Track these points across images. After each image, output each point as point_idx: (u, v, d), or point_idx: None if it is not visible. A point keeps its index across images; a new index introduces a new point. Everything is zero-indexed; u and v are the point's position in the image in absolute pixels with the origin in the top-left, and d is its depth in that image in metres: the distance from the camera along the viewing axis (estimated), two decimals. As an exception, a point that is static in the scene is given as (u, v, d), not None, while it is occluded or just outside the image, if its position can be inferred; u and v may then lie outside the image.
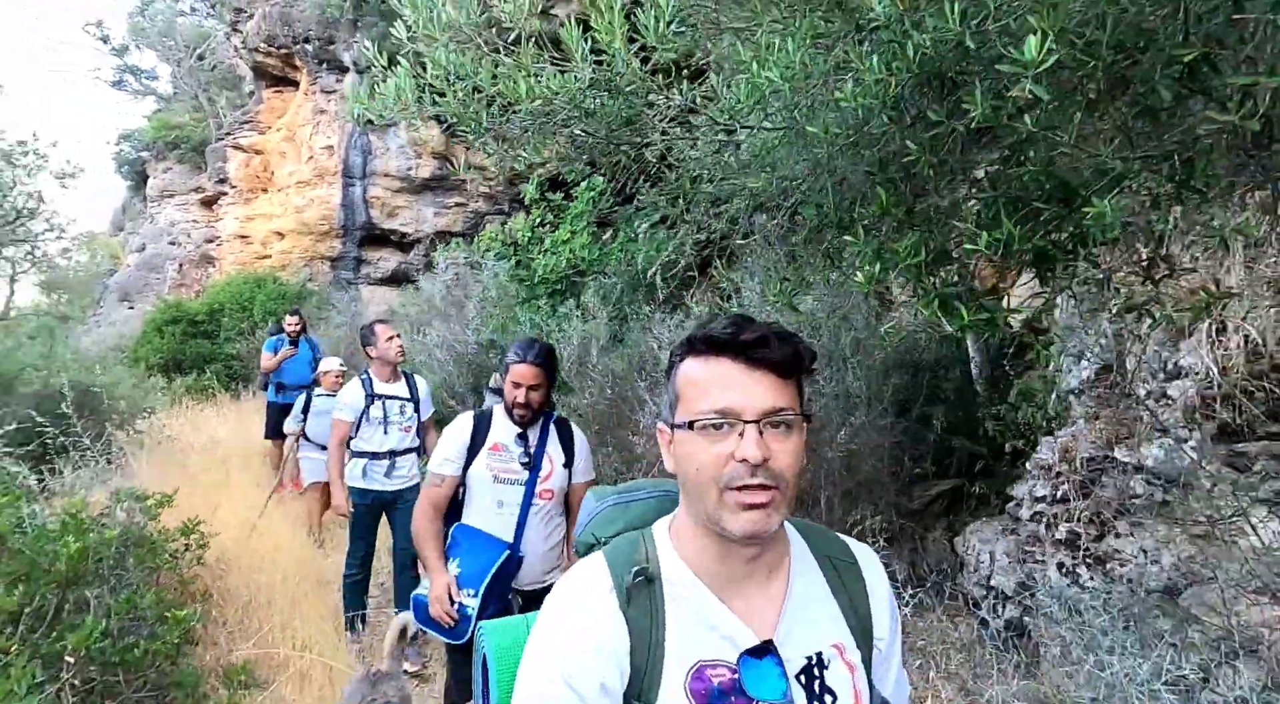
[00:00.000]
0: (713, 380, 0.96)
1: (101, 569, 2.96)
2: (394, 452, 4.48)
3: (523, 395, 2.73)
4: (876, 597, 1.11)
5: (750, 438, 0.92)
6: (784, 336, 0.97)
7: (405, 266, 15.77)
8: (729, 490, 0.93)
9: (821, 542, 1.14)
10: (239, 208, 16.08)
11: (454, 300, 8.65)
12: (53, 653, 2.38)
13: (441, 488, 2.80)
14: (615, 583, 1.01)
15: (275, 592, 4.67)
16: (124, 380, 7.81)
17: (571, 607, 1.01)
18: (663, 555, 1.05)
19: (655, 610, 0.99)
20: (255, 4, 15.42)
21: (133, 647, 2.70)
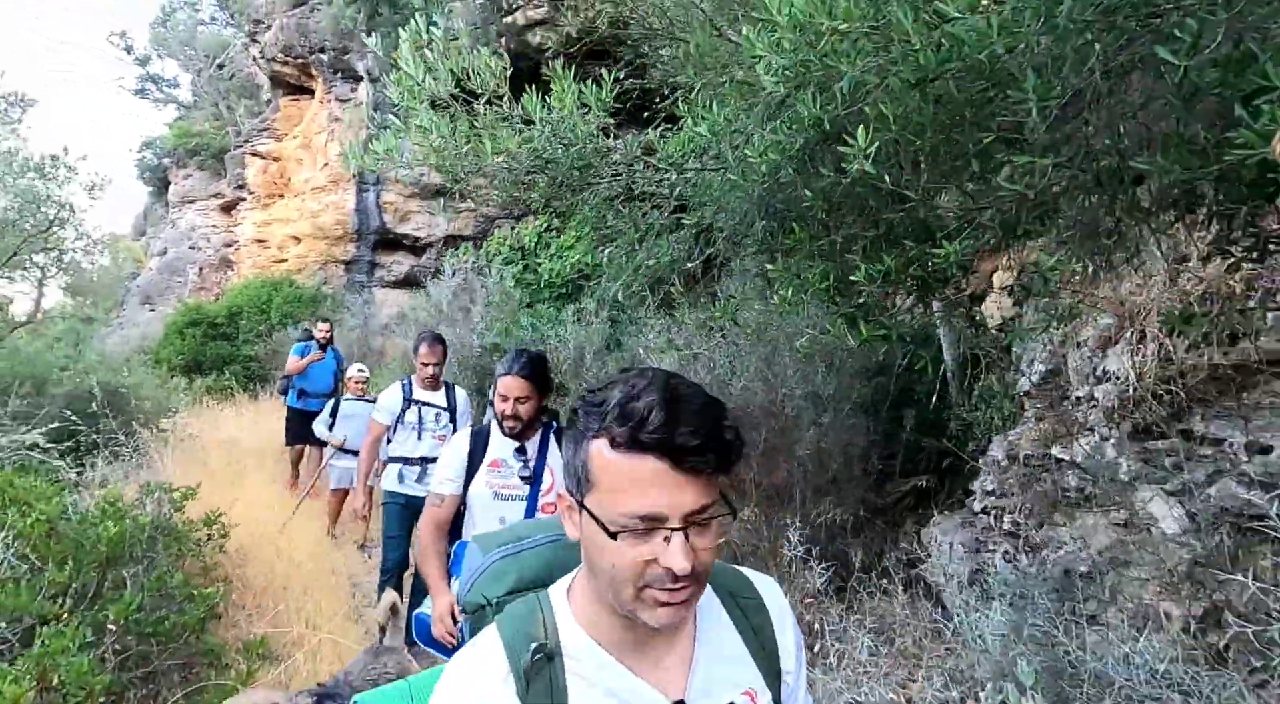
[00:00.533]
0: (635, 479, 0.88)
1: (136, 552, 3.33)
2: (426, 458, 4.48)
3: (510, 407, 2.66)
4: (781, 628, 1.10)
5: (676, 547, 0.86)
6: (717, 436, 0.88)
7: (418, 270, 16.18)
8: (649, 588, 0.89)
9: (724, 579, 1.10)
10: (257, 213, 16.56)
11: (460, 305, 9.01)
12: (96, 622, 2.75)
13: (442, 508, 2.76)
14: (512, 667, 0.95)
15: (290, 579, 5.05)
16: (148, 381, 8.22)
17: (466, 697, 0.95)
18: (562, 625, 1.00)
19: (555, 691, 0.94)
20: (273, 15, 15.89)
21: (164, 620, 3.07)
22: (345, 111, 15.57)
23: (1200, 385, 2.96)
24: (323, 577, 5.28)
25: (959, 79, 1.36)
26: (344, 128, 15.77)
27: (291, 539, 5.82)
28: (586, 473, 0.92)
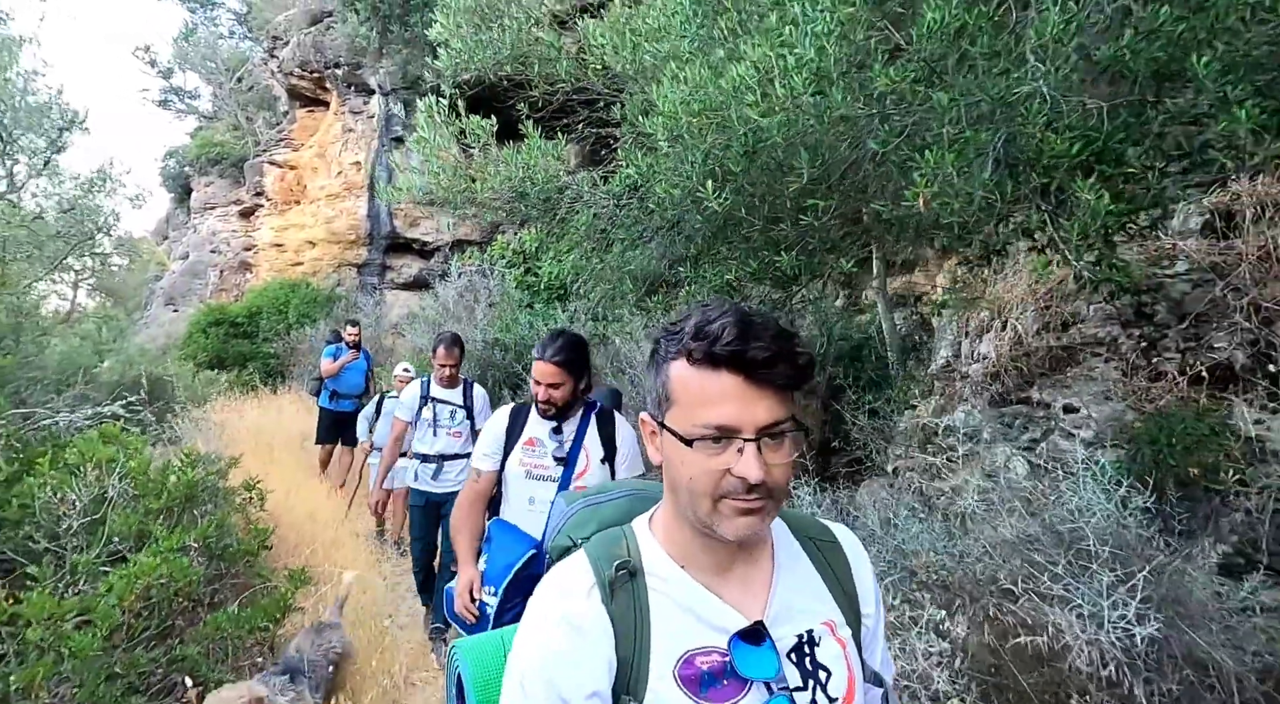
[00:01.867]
0: (710, 393, 0.93)
1: (203, 496, 4.18)
2: (442, 455, 4.59)
3: (543, 393, 2.64)
4: (860, 575, 1.12)
5: (749, 456, 0.91)
6: (790, 353, 0.93)
7: (426, 272, 17.02)
8: (725, 499, 0.93)
9: (801, 524, 1.15)
10: (274, 219, 17.45)
11: (465, 304, 9.84)
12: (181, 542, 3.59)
13: (479, 483, 2.77)
14: (597, 579, 1.00)
15: (316, 538, 5.88)
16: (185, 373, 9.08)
17: (554, 608, 1.00)
18: (644, 549, 1.04)
19: (639, 604, 0.98)
20: (290, 33, 16.80)
21: (229, 546, 3.91)
22: (358, 123, 16.46)
23: (1039, 363, 3.78)
24: (346, 537, 6.11)
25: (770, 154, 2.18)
26: (356, 138, 16.68)
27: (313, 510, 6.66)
28: (666, 392, 0.98)
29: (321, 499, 7.07)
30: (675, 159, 2.43)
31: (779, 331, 0.93)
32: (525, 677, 0.97)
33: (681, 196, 2.62)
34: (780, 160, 2.13)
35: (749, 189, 2.28)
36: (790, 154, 2.09)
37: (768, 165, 2.16)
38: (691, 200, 2.55)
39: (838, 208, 2.27)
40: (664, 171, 2.55)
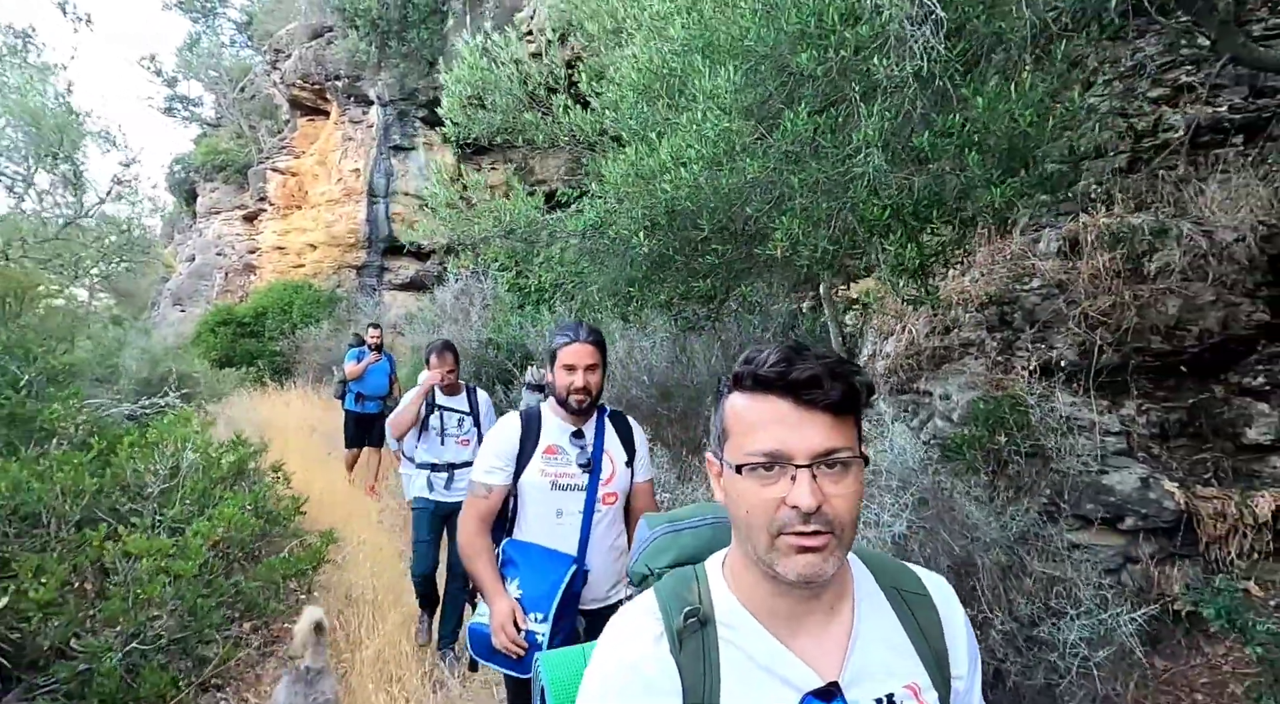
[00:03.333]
0: (761, 419, 0.91)
1: (248, 471, 5.07)
2: (452, 464, 4.49)
3: (579, 378, 2.38)
4: (952, 631, 1.04)
5: (803, 483, 0.87)
6: (838, 373, 0.90)
7: (423, 274, 17.89)
8: (782, 535, 0.89)
9: (888, 573, 1.08)
10: (277, 223, 18.29)
11: (461, 307, 10.72)
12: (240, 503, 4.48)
13: (489, 499, 2.46)
14: (666, 627, 0.97)
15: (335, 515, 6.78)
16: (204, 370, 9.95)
17: (622, 655, 0.97)
18: (716, 594, 1.00)
19: (708, 655, 0.95)
20: (292, 46, 17.63)
21: (270, 510, 4.81)
22: (358, 132, 17.30)
23: (927, 360, 4.70)
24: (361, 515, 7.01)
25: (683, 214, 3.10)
26: (356, 146, 17.51)
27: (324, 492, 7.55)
28: (724, 428, 0.97)
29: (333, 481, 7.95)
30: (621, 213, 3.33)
31: (828, 355, 0.91)
32: None
33: (628, 236, 3.53)
34: (690, 219, 3.03)
35: (671, 236, 3.18)
36: (696, 214, 2.99)
37: (683, 222, 3.06)
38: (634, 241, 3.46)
39: (732, 251, 3.18)
40: (616, 217, 3.45)
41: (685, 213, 3.03)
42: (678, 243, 3.26)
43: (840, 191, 2.90)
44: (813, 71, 2.84)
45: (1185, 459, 4.01)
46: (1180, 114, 5.19)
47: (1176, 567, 3.70)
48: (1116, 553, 3.77)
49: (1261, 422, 3.89)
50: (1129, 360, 4.15)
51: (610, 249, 3.60)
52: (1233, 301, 4.16)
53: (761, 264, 3.27)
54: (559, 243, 4.03)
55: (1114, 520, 3.73)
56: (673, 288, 3.57)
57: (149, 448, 4.31)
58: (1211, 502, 3.69)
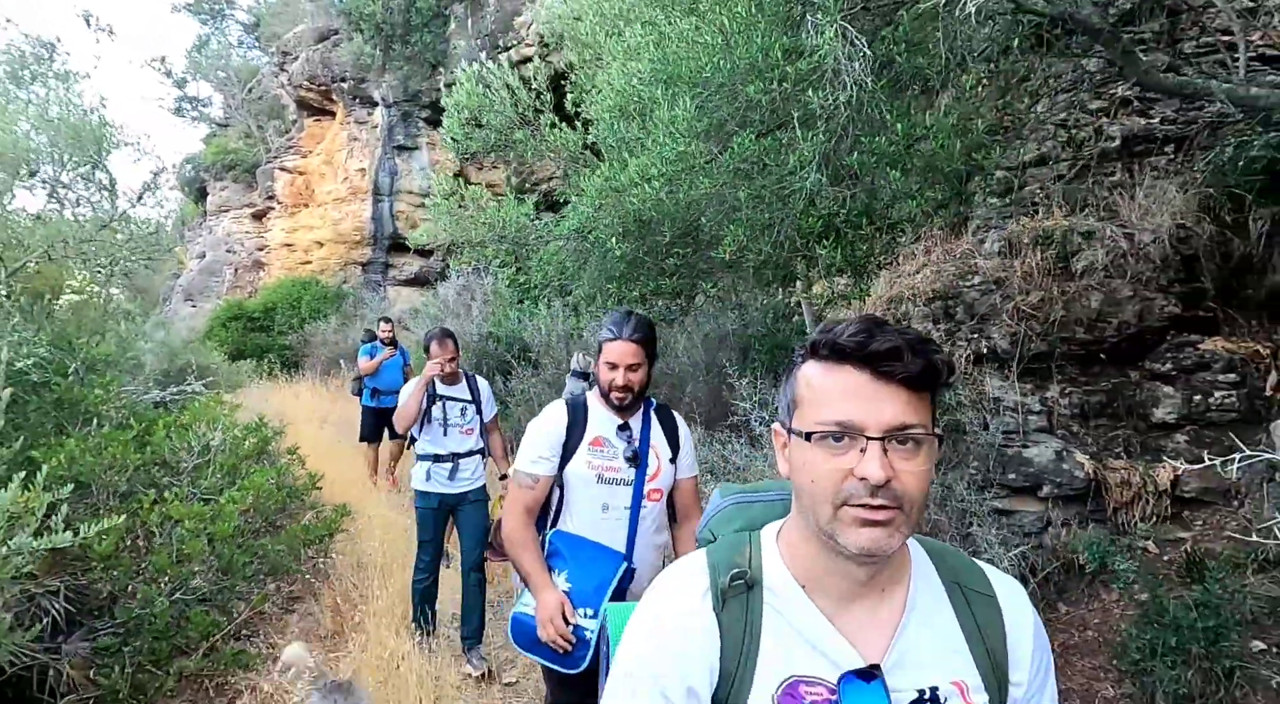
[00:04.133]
0: (835, 389, 0.89)
1: (269, 451, 5.61)
2: (456, 454, 4.41)
3: (620, 377, 2.36)
4: (1017, 635, 1.00)
5: (873, 455, 0.85)
6: (918, 347, 0.88)
7: (426, 270, 18.45)
8: (846, 506, 0.87)
9: (953, 566, 1.04)
10: (285, 220, 18.84)
11: (463, 301, 11.24)
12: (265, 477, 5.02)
13: (535, 490, 2.44)
14: (711, 583, 0.98)
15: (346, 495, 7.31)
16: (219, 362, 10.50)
17: (666, 606, 1.00)
18: (767, 561, 1.01)
19: (751, 618, 0.95)
20: (299, 49, 18.15)
21: (289, 486, 5.35)
22: (363, 132, 17.83)
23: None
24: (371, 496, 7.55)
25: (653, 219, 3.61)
26: (361, 146, 18.04)
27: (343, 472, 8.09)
28: (794, 396, 0.95)
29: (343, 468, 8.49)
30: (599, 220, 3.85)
31: (912, 334, 0.89)
32: (630, 667, 0.97)
33: (605, 240, 4.05)
34: (656, 226, 3.54)
35: (641, 242, 3.69)
36: (660, 223, 3.51)
37: (650, 229, 3.58)
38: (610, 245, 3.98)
39: (692, 255, 3.69)
40: (595, 223, 3.97)
41: (652, 221, 3.54)
42: (646, 247, 3.78)
43: (781, 204, 3.41)
44: (759, 100, 3.35)
45: (1102, 436, 4.52)
46: (1117, 125, 5.68)
47: (1089, 528, 4.21)
48: (1037, 518, 4.28)
49: (1167, 403, 4.40)
50: (1055, 349, 4.65)
51: (591, 251, 4.12)
52: (1148, 297, 4.66)
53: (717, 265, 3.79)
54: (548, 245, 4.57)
55: (1033, 488, 4.25)
56: (644, 285, 4.10)
57: (183, 429, 4.85)
58: (1118, 472, 4.20)
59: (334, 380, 13.83)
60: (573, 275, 4.77)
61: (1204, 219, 4.77)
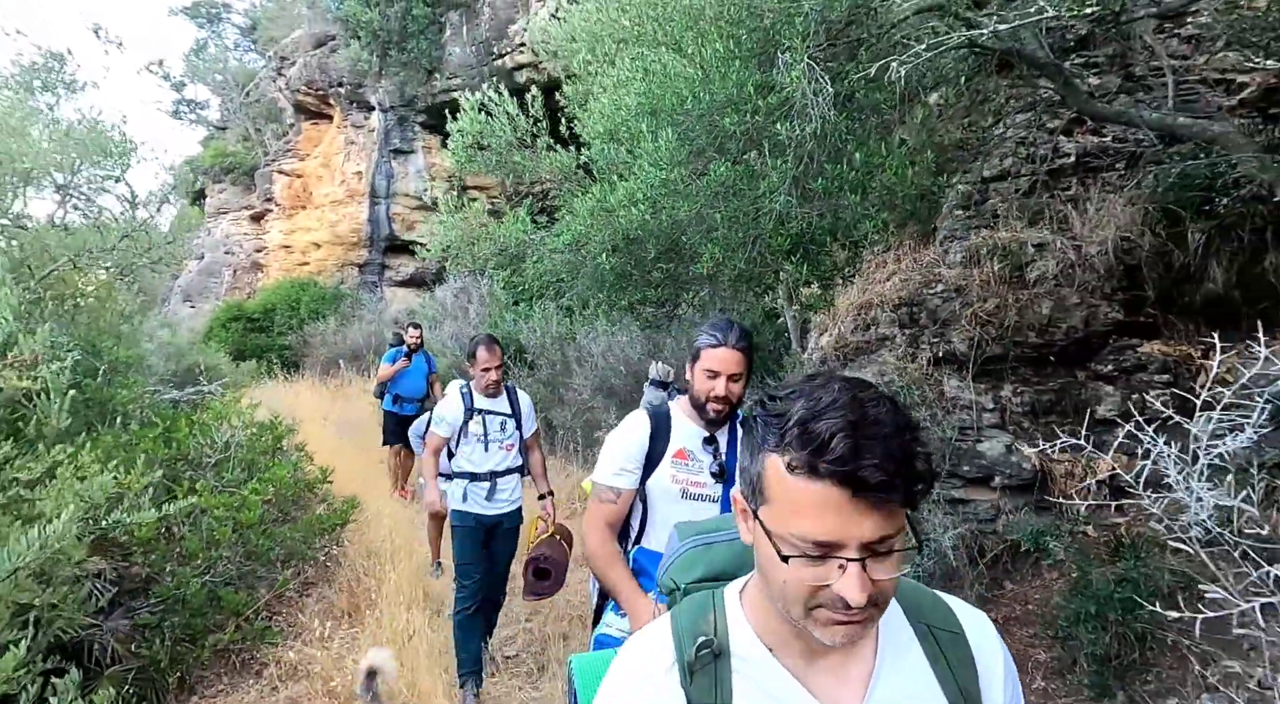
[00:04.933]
0: (810, 503, 0.81)
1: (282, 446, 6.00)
2: (495, 473, 4.10)
3: (721, 386, 2.24)
4: (986, 671, 0.99)
5: (852, 576, 0.81)
6: (907, 470, 0.80)
7: (421, 271, 18.81)
8: (821, 609, 0.84)
9: (918, 606, 1.02)
10: (283, 222, 19.17)
11: (460, 303, 11.63)
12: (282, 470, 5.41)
13: (617, 504, 2.34)
14: (678, 657, 0.95)
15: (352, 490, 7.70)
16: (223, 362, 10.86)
17: (631, 683, 0.97)
18: (733, 626, 0.97)
19: (720, 690, 0.92)
20: (297, 54, 18.48)
21: (302, 479, 5.74)
22: (360, 136, 18.18)
23: (851, 352, 5.64)
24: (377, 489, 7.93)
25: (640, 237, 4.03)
26: (358, 150, 18.39)
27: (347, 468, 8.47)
28: (761, 485, 0.87)
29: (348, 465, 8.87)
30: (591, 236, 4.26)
31: (895, 434, 0.80)
32: None
33: (596, 254, 4.46)
34: (642, 243, 3.95)
35: (628, 257, 4.10)
36: (646, 240, 3.92)
37: (637, 246, 3.99)
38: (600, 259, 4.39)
39: (675, 269, 4.11)
40: (587, 239, 4.38)
41: (638, 239, 3.95)
42: (634, 261, 4.19)
43: (753, 224, 3.83)
44: (735, 130, 3.77)
45: (1050, 432, 4.96)
46: (1073, 143, 6.11)
47: (1036, 515, 4.64)
48: (990, 506, 4.71)
49: (1109, 400, 4.84)
50: (1009, 352, 5.09)
51: (584, 263, 4.53)
52: (1093, 304, 5.10)
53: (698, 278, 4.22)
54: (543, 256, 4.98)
55: (986, 479, 4.68)
56: (632, 294, 4.51)
57: (205, 426, 5.24)
58: (1063, 464, 4.64)
59: (333, 380, 14.19)
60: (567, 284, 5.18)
61: (1146, 232, 5.21)
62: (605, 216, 3.98)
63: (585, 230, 4.16)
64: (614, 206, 3.85)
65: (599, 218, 3.96)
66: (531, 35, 8.48)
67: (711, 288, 4.30)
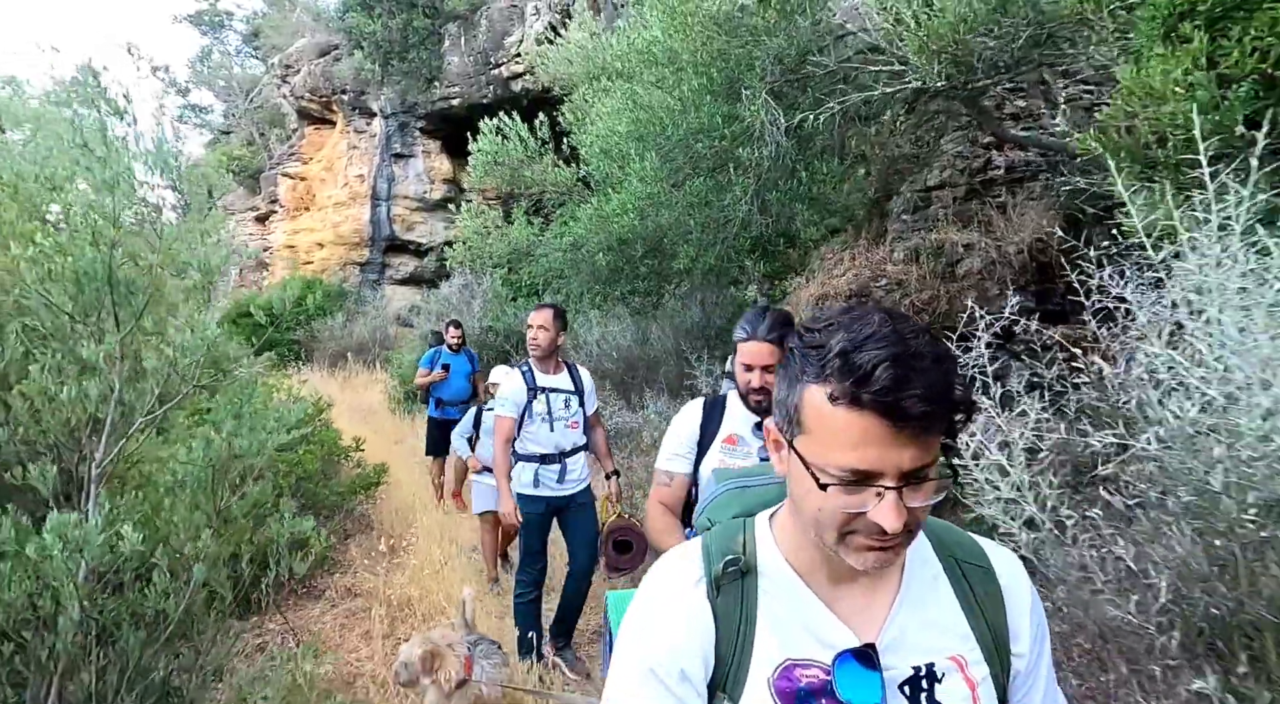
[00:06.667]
0: (850, 433, 0.81)
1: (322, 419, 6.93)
2: (563, 452, 4.00)
3: (757, 378, 2.28)
4: (1015, 607, 1.01)
5: (889, 504, 0.82)
6: (948, 401, 0.81)
7: (420, 270, 19.69)
8: (855, 535, 0.86)
9: (949, 541, 1.04)
10: (287, 223, 20.03)
11: (464, 298, 12.53)
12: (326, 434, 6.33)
13: (671, 487, 2.45)
14: (705, 572, 0.98)
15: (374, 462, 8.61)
16: (246, 354, 11.73)
17: (660, 594, 0.99)
18: (761, 547, 1.00)
19: (746, 604, 0.95)
20: (301, 62, 19.33)
21: (342, 446, 6.67)
22: (362, 141, 19.06)
23: (810, 336, 6.63)
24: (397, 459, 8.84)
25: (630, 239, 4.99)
26: (360, 154, 19.26)
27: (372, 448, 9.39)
28: (799, 416, 0.87)
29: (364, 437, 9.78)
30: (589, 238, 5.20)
31: (936, 364, 0.80)
32: (627, 656, 0.97)
33: (593, 254, 5.41)
34: (631, 245, 4.90)
35: (620, 256, 5.05)
36: (635, 242, 4.87)
37: (628, 246, 4.94)
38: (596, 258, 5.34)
39: (659, 265, 5.06)
40: (586, 241, 5.33)
41: (628, 240, 4.89)
42: (624, 259, 5.14)
43: (721, 229, 4.80)
44: (706, 153, 4.73)
45: (973, 401, 5.94)
46: (1003, 157, 7.11)
47: (958, 469, 5.62)
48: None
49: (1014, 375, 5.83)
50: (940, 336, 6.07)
51: (583, 261, 5.47)
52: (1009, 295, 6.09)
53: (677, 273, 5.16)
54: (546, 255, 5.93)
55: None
56: (623, 287, 5.46)
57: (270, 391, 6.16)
58: (979, 426, 5.62)
59: (340, 372, 15.09)
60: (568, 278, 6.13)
61: (1055, 234, 6.21)
62: (602, 222, 4.91)
63: (585, 234, 5.08)
64: (609, 214, 4.79)
65: (596, 223, 4.89)
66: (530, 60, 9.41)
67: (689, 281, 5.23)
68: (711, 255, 4.74)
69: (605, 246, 4.98)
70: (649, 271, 5.14)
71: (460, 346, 7.30)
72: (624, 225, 4.71)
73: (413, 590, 4.92)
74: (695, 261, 4.65)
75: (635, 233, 4.76)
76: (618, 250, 5.00)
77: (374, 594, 4.93)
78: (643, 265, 5.09)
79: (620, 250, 5.01)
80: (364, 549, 5.88)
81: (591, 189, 5.50)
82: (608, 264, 5.05)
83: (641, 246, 4.81)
